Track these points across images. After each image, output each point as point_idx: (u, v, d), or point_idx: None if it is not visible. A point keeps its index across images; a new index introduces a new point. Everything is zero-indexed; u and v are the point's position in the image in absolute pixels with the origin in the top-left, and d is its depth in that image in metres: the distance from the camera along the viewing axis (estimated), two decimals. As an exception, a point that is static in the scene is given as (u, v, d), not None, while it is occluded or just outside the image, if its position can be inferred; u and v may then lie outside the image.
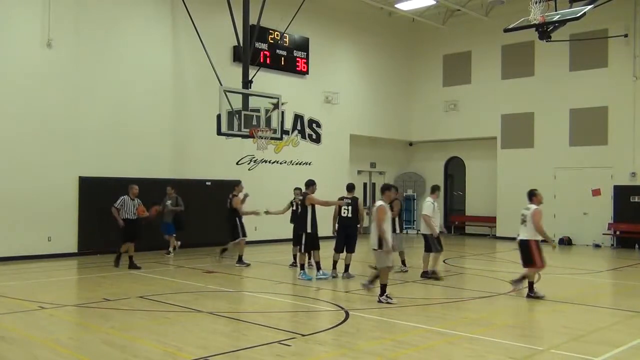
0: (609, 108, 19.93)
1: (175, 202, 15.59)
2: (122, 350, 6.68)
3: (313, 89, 21.16)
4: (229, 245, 14.69)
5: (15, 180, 14.32)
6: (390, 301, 9.36)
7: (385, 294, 9.44)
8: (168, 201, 15.52)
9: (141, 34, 16.79)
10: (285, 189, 20.07)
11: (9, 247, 14.14)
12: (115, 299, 9.72)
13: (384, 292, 9.45)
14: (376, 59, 23.60)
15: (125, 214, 13.24)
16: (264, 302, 9.80)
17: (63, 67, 15.18)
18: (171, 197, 15.60)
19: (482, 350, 6.80)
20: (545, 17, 12.59)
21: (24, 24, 14.62)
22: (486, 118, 22.70)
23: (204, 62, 16.69)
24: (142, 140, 16.62)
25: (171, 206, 15.50)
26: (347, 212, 12.12)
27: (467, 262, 15.58)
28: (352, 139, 22.65)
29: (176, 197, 15.64)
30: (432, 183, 25.14)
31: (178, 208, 15.58)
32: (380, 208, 9.48)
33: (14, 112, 14.39)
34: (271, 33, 19.37)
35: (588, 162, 20.19)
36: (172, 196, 15.60)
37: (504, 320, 8.62)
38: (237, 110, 15.52)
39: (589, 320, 8.68)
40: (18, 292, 10.35)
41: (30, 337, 7.39)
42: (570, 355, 6.68)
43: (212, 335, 7.41)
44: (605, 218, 19.76)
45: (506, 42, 21.73)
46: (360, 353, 6.68)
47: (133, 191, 13.40)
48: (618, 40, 19.61)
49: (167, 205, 15.46)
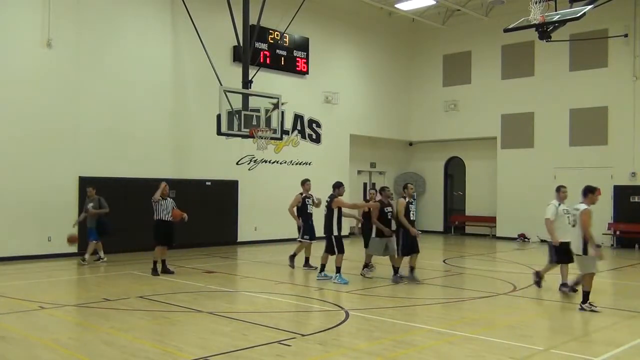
0: (609, 108, 19.92)
1: (98, 204, 13.99)
2: (122, 350, 6.68)
3: (313, 89, 21.16)
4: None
5: (15, 180, 14.31)
6: (595, 309, 8.89)
7: (587, 301, 8.98)
8: (89, 204, 13.96)
9: (141, 33, 16.79)
10: (285, 188, 20.14)
11: (9, 247, 14.14)
12: (115, 299, 9.72)
13: (586, 299, 9.00)
14: (376, 59, 23.60)
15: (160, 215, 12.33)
16: (264, 302, 9.80)
17: (63, 67, 15.18)
18: (92, 199, 13.99)
19: (482, 350, 6.80)
20: (545, 17, 12.57)
21: (24, 24, 14.61)
22: (486, 118, 22.70)
23: (204, 62, 16.69)
24: (142, 140, 16.62)
25: (93, 209, 13.90)
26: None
27: (467, 262, 15.58)
28: (352, 139, 22.65)
29: (99, 199, 14.01)
30: (432, 183, 25.40)
31: (102, 211, 13.99)
32: (585, 212, 9.04)
33: (13, 112, 14.39)
34: (271, 33, 19.37)
35: (588, 162, 20.17)
36: (93, 197, 14.00)
37: (504, 320, 8.62)
38: (237, 110, 15.52)
39: (589, 320, 8.68)
40: (18, 292, 10.35)
41: (30, 337, 7.39)
42: (570, 355, 6.68)
43: (212, 335, 7.41)
44: (605, 218, 19.74)
45: (506, 42, 21.73)
46: (360, 353, 6.68)
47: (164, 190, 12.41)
48: (618, 40, 19.61)
49: (89, 208, 13.92)
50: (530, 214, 21.40)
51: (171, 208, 12.43)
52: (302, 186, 13.64)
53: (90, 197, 14.02)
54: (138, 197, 15.43)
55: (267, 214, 19.43)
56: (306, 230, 13.19)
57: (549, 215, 10.61)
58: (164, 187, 12.40)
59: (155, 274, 12.22)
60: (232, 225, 18.70)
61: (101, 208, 13.99)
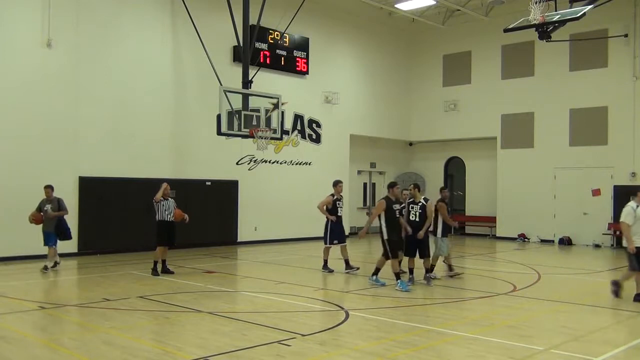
0: (609, 108, 19.92)
1: (57, 205, 12.74)
2: (122, 351, 6.68)
3: (313, 89, 21.16)
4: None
5: (15, 180, 14.31)
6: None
7: None
8: (47, 205, 12.64)
9: (141, 34, 16.79)
10: (285, 189, 20.20)
11: (9, 247, 14.13)
12: (115, 299, 9.72)
13: None
14: (376, 58, 23.60)
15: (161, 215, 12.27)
16: (264, 302, 9.80)
17: (63, 67, 15.18)
18: (51, 200, 12.71)
19: (482, 350, 6.80)
20: (545, 17, 12.58)
21: (24, 24, 14.61)
22: (486, 118, 22.69)
23: (204, 62, 16.69)
24: (142, 140, 16.62)
25: (52, 211, 12.62)
26: (415, 216, 11.49)
27: (467, 262, 15.56)
28: (352, 139, 22.65)
29: (58, 200, 12.79)
30: (432, 183, 25.42)
31: (62, 213, 12.77)
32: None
33: (13, 112, 14.38)
34: (271, 33, 19.37)
35: (588, 162, 20.18)
36: (51, 198, 12.72)
37: (504, 320, 8.62)
38: (237, 110, 15.51)
39: (589, 320, 8.68)
40: (18, 292, 10.35)
41: (30, 337, 7.39)
42: (570, 355, 6.68)
43: (212, 335, 7.41)
44: (605, 218, 19.74)
45: (506, 42, 21.73)
46: (360, 353, 6.68)
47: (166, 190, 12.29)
48: (618, 40, 19.61)
49: (47, 209, 12.60)
50: (530, 214, 21.45)
51: (173, 208, 12.42)
52: (334, 188, 13.07)
53: (47, 198, 12.69)
54: (138, 197, 15.46)
55: (267, 214, 19.45)
56: (335, 234, 12.81)
57: (627, 219, 9.65)
58: (166, 188, 12.39)
59: (156, 274, 12.22)
60: (232, 225, 18.70)
61: (60, 210, 12.75)
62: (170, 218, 12.35)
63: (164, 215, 12.30)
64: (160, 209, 12.30)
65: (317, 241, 19.55)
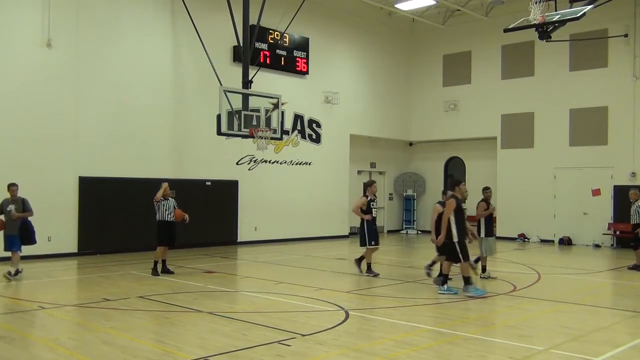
0: (609, 108, 19.92)
1: (22, 206, 11.60)
2: (122, 351, 6.68)
3: (313, 89, 21.16)
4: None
5: (15, 180, 14.23)
6: None
7: None
8: (10, 205, 11.49)
9: (141, 34, 16.78)
10: (285, 189, 20.20)
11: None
12: (115, 299, 9.72)
13: None
14: (376, 59, 23.60)
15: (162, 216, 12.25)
16: (264, 302, 9.80)
17: (63, 67, 15.18)
18: (15, 200, 11.60)
19: (482, 350, 6.80)
20: (545, 17, 12.58)
21: (24, 24, 14.61)
22: (486, 118, 22.69)
23: (204, 62, 16.70)
24: (142, 140, 16.62)
25: (16, 212, 11.47)
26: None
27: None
28: (352, 139, 22.64)
29: (22, 200, 11.66)
30: (432, 183, 25.41)
31: (27, 214, 11.64)
32: None
33: (13, 112, 14.38)
34: (271, 33, 19.36)
35: (588, 162, 20.17)
36: (16, 198, 11.61)
37: (504, 320, 8.62)
38: (237, 110, 15.52)
39: (589, 320, 8.68)
40: (18, 292, 10.35)
41: (30, 337, 7.39)
42: (570, 355, 6.68)
43: (212, 335, 7.41)
44: (605, 218, 19.75)
45: (506, 42, 21.73)
46: (360, 353, 6.68)
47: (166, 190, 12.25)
48: (618, 40, 19.60)
49: (11, 210, 11.44)
50: (530, 214, 21.45)
51: (173, 208, 12.42)
52: (367, 188, 12.60)
53: (11, 198, 11.59)
54: (138, 197, 15.47)
55: (267, 214, 19.45)
56: (372, 236, 12.45)
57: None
58: (166, 188, 12.38)
59: (156, 274, 12.22)
60: (232, 225, 18.70)
61: (25, 211, 11.62)
62: (170, 218, 12.35)
63: (165, 215, 12.31)
64: (161, 209, 12.31)
65: (317, 241, 19.58)
